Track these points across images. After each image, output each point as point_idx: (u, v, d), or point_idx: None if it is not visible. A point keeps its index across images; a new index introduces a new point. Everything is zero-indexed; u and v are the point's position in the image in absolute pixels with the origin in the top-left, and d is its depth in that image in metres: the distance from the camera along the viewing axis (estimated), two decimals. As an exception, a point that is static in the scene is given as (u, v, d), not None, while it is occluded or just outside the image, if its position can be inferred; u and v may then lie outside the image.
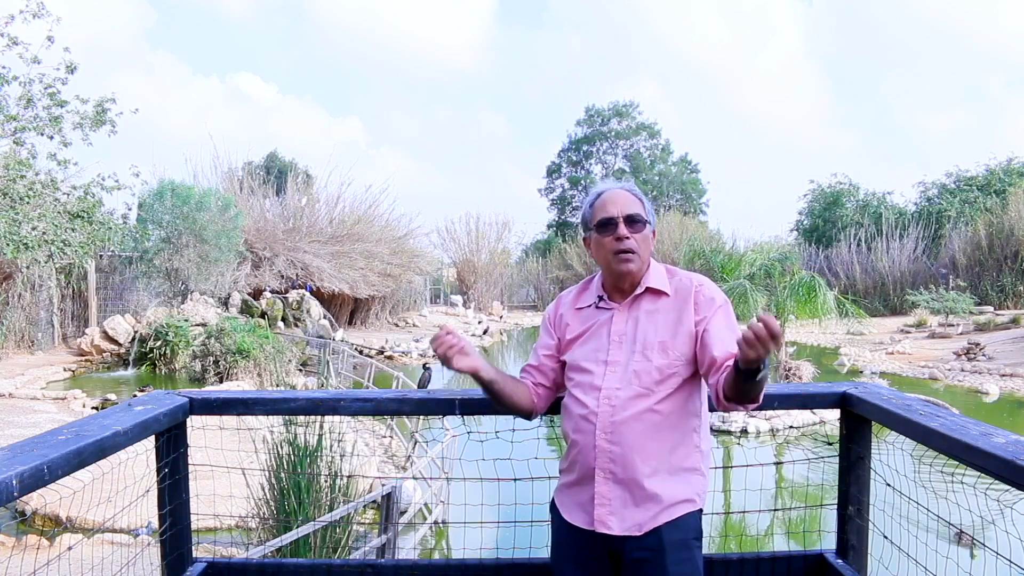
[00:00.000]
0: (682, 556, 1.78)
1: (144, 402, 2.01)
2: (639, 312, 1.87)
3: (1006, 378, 14.16)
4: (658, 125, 44.56)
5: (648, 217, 1.89)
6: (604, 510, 1.79)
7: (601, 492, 1.79)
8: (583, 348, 1.89)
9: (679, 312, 1.84)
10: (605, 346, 1.86)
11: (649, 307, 1.86)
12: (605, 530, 1.79)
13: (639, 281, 1.88)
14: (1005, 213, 26.75)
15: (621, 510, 1.78)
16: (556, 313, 2.01)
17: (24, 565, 5.00)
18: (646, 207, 1.90)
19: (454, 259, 35.14)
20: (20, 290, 15.74)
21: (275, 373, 13.15)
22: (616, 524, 1.78)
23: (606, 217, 1.86)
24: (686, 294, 1.85)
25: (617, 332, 1.86)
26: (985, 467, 1.46)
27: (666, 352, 1.81)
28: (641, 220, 1.86)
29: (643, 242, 1.86)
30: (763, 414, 10.64)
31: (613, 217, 1.85)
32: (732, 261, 14.59)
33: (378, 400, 2.29)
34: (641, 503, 1.78)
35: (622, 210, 1.85)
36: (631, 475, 1.77)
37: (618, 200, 1.87)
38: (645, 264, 1.88)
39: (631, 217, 1.85)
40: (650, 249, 1.90)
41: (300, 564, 2.46)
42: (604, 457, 1.79)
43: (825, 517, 2.48)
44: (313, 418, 5.14)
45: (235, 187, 23.51)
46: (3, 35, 11.73)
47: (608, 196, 1.90)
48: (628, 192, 1.91)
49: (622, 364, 1.82)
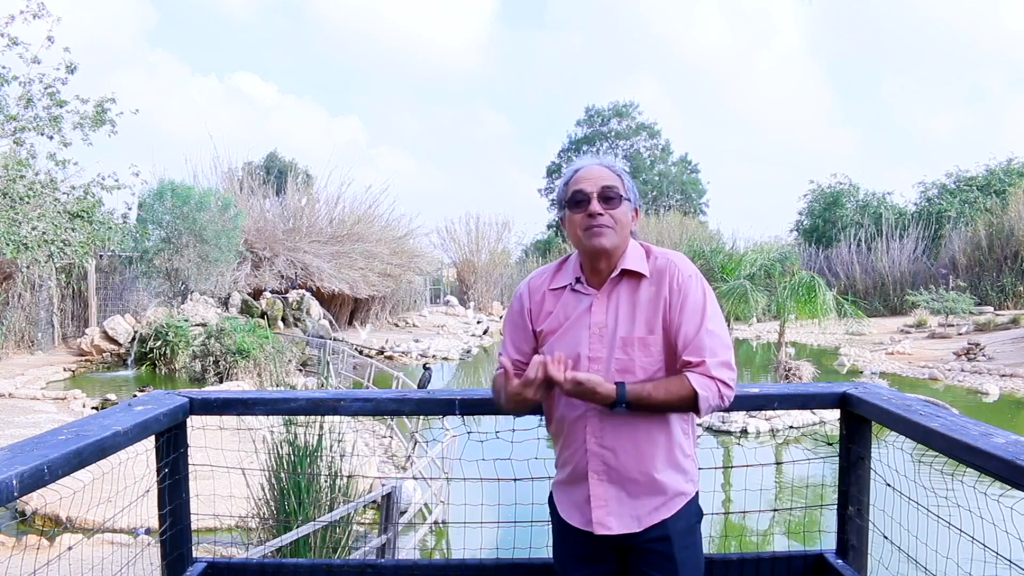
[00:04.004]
0: (687, 541, 1.78)
1: (144, 402, 2.01)
2: (618, 300, 1.78)
3: (1006, 378, 14.16)
4: (658, 125, 44.59)
5: (627, 194, 1.78)
6: (602, 511, 1.77)
7: (596, 494, 1.77)
8: (562, 342, 1.79)
9: (656, 297, 1.76)
10: (585, 340, 1.77)
11: (628, 295, 1.77)
12: (604, 531, 1.77)
13: (616, 263, 1.77)
14: (1005, 213, 26.74)
15: (618, 509, 1.77)
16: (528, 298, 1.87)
17: (24, 565, 5.00)
18: (625, 183, 1.79)
19: (454, 259, 35.09)
20: (20, 290, 15.74)
21: (275, 373, 13.14)
22: (615, 524, 1.77)
23: (578, 191, 1.76)
24: (661, 276, 1.76)
25: (597, 324, 1.77)
26: (985, 467, 1.46)
27: (647, 349, 1.74)
28: (617, 196, 1.75)
29: (620, 219, 1.75)
30: (763, 414, 10.63)
31: (586, 192, 1.75)
32: (732, 261, 14.59)
33: (378, 400, 2.29)
34: (638, 499, 1.76)
35: (596, 184, 1.75)
36: (625, 475, 1.76)
37: (593, 175, 1.77)
38: (623, 243, 1.78)
39: (605, 192, 1.74)
40: (628, 228, 1.79)
41: (300, 564, 2.46)
42: (596, 460, 1.76)
43: (825, 517, 2.49)
44: (313, 418, 5.14)
45: (235, 187, 23.50)
46: (3, 35, 11.73)
47: (583, 172, 1.79)
48: (605, 167, 1.80)
49: (604, 360, 1.75)
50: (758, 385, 2.20)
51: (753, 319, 20.86)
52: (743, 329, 23.47)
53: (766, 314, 15.94)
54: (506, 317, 1.95)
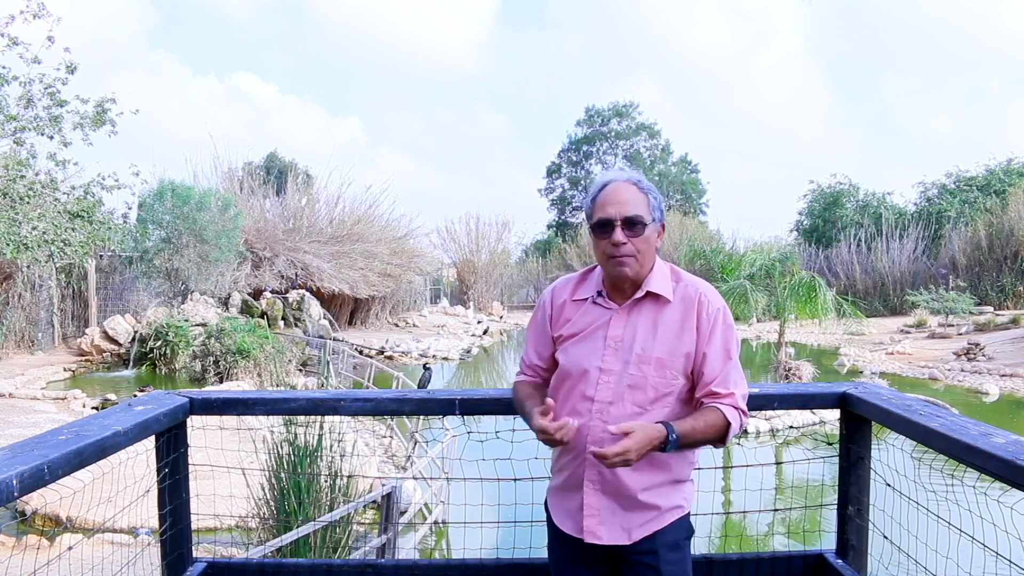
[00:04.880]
0: (674, 557, 1.78)
1: (144, 402, 2.01)
2: (639, 318, 1.78)
3: (1006, 378, 14.15)
4: (658, 125, 44.58)
5: (653, 214, 1.76)
6: (593, 520, 1.77)
7: (590, 503, 1.78)
8: (577, 348, 1.81)
9: (680, 326, 1.76)
10: (600, 350, 1.77)
11: (650, 314, 1.77)
12: (594, 540, 1.77)
13: (640, 283, 1.78)
14: (1005, 213, 26.73)
15: (610, 519, 1.77)
16: (551, 304, 1.89)
17: (24, 565, 5.00)
18: (651, 203, 1.76)
19: (454, 259, 35.10)
20: (20, 290, 15.74)
21: (275, 373, 13.14)
22: (605, 534, 1.77)
23: (604, 218, 1.74)
24: (689, 305, 1.76)
25: (614, 337, 1.77)
26: (985, 467, 1.46)
27: (663, 371, 1.74)
28: (641, 222, 1.73)
29: (644, 244, 1.74)
30: (763, 414, 10.64)
31: (611, 219, 1.73)
32: (732, 261, 14.60)
33: (378, 400, 2.29)
34: (631, 512, 1.77)
35: (620, 211, 1.73)
36: (621, 489, 1.76)
37: (619, 198, 1.74)
38: (646, 267, 1.77)
39: (630, 220, 1.73)
40: (653, 249, 1.78)
41: (300, 564, 2.46)
42: (593, 469, 1.76)
43: (825, 517, 2.49)
44: (313, 418, 5.14)
45: (235, 187, 23.50)
46: (3, 35, 11.73)
47: (609, 193, 1.76)
48: (632, 186, 1.77)
49: (616, 373, 1.75)
50: (758, 385, 2.21)
51: (753, 319, 20.87)
52: (743, 329, 23.45)
53: (766, 314, 15.94)
54: (530, 323, 1.98)
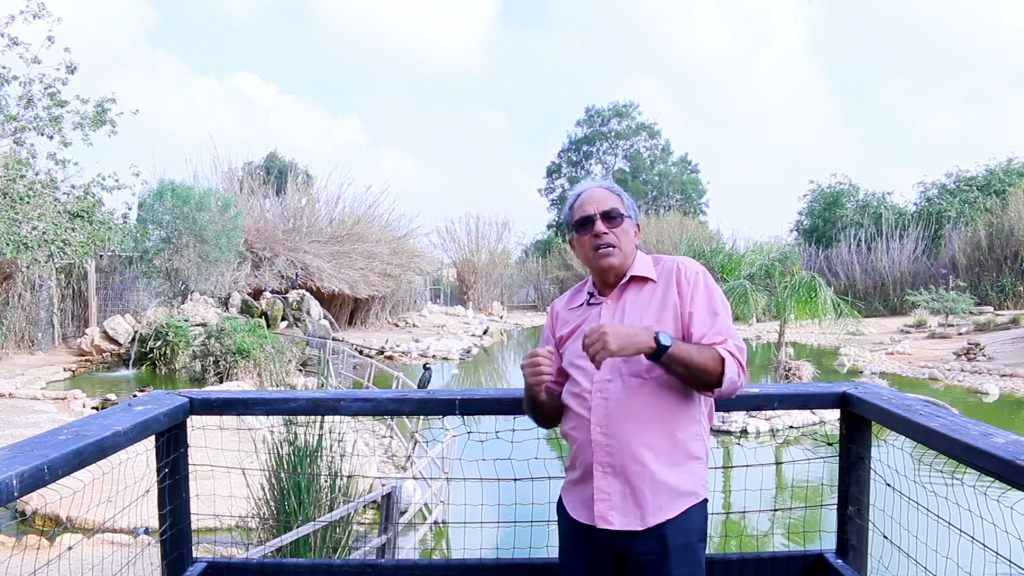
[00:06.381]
0: (686, 559, 1.77)
1: (144, 402, 2.01)
2: (626, 300, 1.90)
3: (1006, 378, 14.15)
4: (658, 125, 44.62)
5: (627, 212, 1.94)
6: (604, 505, 1.78)
7: (600, 487, 1.79)
8: (574, 343, 1.90)
9: (664, 295, 1.86)
10: None
11: (635, 294, 1.90)
12: (606, 525, 1.77)
13: (625, 273, 1.91)
14: (1005, 213, 26.73)
15: (621, 504, 1.77)
16: (553, 316, 2.06)
17: (24, 565, 5.00)
18: (625, 202, 1.95)
19: (454, 259, 35.12)
20: (20, 290, 15.74)
21: (275, 373, 13.14)
22: (617, 519, 1.77)
23: (583, 216, 1.92)
24: (669, 276, 1.88)
25: (606, 319, 1.87)
26: (985, 467, 1.46)
27: None
28: (618, 215, 1.91)
29: (623, 236, 1.91)
30: (763, 414, 10.64)
31: (590, 215, 1.91)
32: (732, 261, 14.59)
33: (378, 400, 2.29)
34: (641, 496, 1.77)
35: (598, 207, 1.91)
36: (629, 467, 1.77)
37: (595, 198, 1.93)
38: (629, 257, 1.92)
39: (608, 213, 1.90)
40: (632, 242, 1.94)
41: (300, 564, 2.46)
42: (601, 451, 1.79)
43: (825, 517, 2.48)
44: (313, 418, 5.14)
45: (235, 187, 23.50)
46: (3, 35, 11.72)
47: (585, 196, 1.95)
48: (605, 189, 1.96)
49: None
50: (758, 385, 2.21)
51: (753, 319, 20.84)
52: (743, 329, 23.45)
53: (766, 314, 15.94)
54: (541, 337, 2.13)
